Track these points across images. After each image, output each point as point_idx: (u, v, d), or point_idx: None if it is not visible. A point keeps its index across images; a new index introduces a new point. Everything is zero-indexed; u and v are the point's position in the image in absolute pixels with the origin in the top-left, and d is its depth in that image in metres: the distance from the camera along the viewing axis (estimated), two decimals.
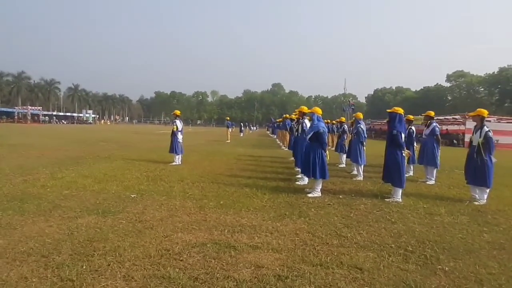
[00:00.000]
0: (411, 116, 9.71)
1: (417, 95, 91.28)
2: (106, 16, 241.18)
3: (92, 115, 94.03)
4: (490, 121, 32.48)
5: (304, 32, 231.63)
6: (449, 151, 18.83)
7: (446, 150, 18.97)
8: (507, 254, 3.73)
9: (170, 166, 9.62)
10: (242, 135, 37.88)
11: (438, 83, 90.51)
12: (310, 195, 6.33)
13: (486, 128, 6.31)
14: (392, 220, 4.91)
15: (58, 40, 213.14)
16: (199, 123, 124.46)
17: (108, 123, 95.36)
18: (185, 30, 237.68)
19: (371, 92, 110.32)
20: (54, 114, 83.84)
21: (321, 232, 4.26)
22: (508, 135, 29.23)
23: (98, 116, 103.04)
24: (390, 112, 6.44)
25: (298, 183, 7.63)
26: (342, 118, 13.06)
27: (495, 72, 75.76)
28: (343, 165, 11.24)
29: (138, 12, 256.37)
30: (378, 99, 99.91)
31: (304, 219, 4.81)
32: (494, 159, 6.38)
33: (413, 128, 9.36)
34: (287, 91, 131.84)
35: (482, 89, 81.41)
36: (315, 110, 6.76)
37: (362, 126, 9.23)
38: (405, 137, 6.43)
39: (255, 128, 79.29)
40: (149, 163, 10.13)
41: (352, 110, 51.93)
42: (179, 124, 10.35)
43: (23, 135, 24.61)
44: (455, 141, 30.65)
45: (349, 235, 4.17)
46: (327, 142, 6.99)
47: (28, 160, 10.11)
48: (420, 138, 9.46)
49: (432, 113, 9.07)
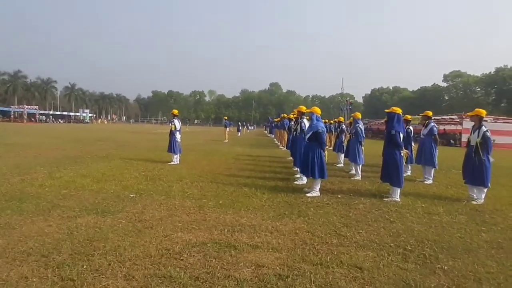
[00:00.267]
0: (409, 116, 9.74)
1: (414, 95, 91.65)
2: (103, 15, 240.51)
3: (89, 115, 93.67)
4: (487, 121, 32.68)
5: (302, 32, 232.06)
6: (446, 151, 18.94)
7: (443, 150, 19.05)
8: (505, 253, 3.76)
9: (169, 166, 9.61)
10: (240, 134, 37.89)
11: (435, 83, 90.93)
12: (309, 194, 6.34)
13: (484, 128, 6.35)
14: (390, 219, 4.94)
15: (55, 39, 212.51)
16: (196, 122, 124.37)
17: (105, 123, 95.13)
18: (183, 29, 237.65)
19: (369, 92, 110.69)
20: (51, 113, 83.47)
21: (320, 231, 4.28)
22: (505, 135, 29.42)
23: (95, 115, 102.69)
24: (388, 112, 6.47)
25: (297, 182, 7.65)
26: (341, 118, 13.10)
27: (492, 72, 76.20)
28: (341, 164, 11.27)
29: (135, 12, 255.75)
30: (375, 99, 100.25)
31: (304, 218, 4.83)
32: (492, 159, 6.42)
33: (411, 128, 9.41)
34: (284, 90, 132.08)
35: (479, 89, 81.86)
36: (314, 110, 6.77)
37: (360, 126, 9.26)
38: (403, 137, 6.45)
39: (252, 127, 79.31)
40: (147, 162, 10.11)
41: (350, 110, 52.03)
42: (177, 123, 10.33)
43: (20, 134, 24.49)
44: (452, 141, 30.80)
45: (348, 235, 4.18)
46: (325, 142, 6.99)
47: (25, 159, 10.06)
48: (418, 138, 9.50)
49: (430, 113, 9.12)
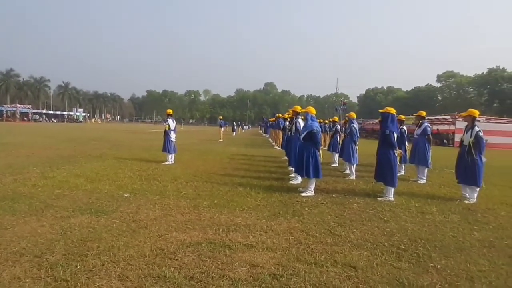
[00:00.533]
0: (403, 116, 9.81)
1: (408, 95, 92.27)
2: (98, 14, 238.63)
3: (83, 114, 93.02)
4: (480, 121, 33.01)
5: (297, 32, 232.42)
6: (439, 151, 19.10)
7: (436, 150, 19.20)
8: (497, 251, 3.81)
9: (163, 165, 9.57)
10: (234, 134, 37.85)
11: (428, 83, 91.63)
12: (303, 194, 6.36)
13: (477, 128, 6.42)
14: (384, 219, 4.97)
15: (48, 37, 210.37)
16: (191, 122, 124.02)
17: (99, 122, 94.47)
18: (178, 29, 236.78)
19: (363, 92, 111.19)
20: (44, 112, 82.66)
21: (315, 231, 4.29)
22: (497, 135, 29.73)
23: (89, 114, 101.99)
24: (382, 112, 6.51)
25: (292, 182, 7.66)
26: (335, 118, 13.14)
27: (484, 73, 76.97)
28: (335, 164, 11.31)
29: (130, 11, 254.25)
30: (370, 99, 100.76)
31: (298, 218, 4.84)
32: (484, 159, 6.48)
33: (404, 128, 9.47)
34: (279, 90, 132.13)
35: (472, 89, 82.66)
36: (309, 109, 6.79)
37: (355, 126, 9.31)
38: (397, 136, 6.50)
39: (247, 127, 79.28)
40: (141, 162, 10.06)
41: (344, 109, 52.22)
42: (171, 123, 10.29)
43: (12, 133, 24.22)
44: (445, 140, 31.07)
45: (342, 234, 4.20)
46: (320, 142, 7.02)
47: (18, 159, 9.96)
48: (412, 138, 9.57)
49: (423, 113, 9.19)
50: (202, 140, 24.28)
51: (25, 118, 70.28)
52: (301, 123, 7.77)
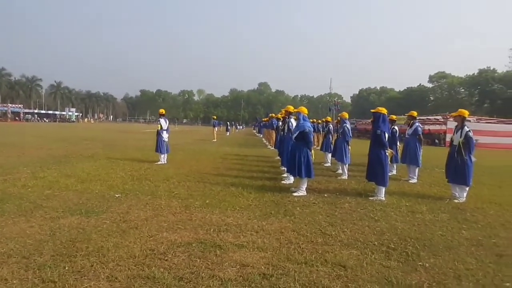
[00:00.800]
0: (394, 116, 9.89)
1: (400, 95, 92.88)
2: (91, 13, 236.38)
3: (75, 113, 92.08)
4: (470, 121, 33.44)
5: (292, 32, 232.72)
6: (430, 151, 19.28)
7: (428, 150, 19.40)
8: (485, 250, 3.86)
9: (156, 165, 9.53)
10: (228, 134, 37.82)
11: (421, 84, 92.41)
12: (295, 194, 6.38)
13: (466, 128, 6.50)
14: (375, 218, 5.01)
15: (41, 36, 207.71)
16: (185, 122, 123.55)
17: (92, 122, 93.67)
18: (172, 29, 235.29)
19: (356, 92, 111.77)
20: (36, 112, 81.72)
21: (306, 230, 4.31)
22: (488, 135, 30.10)
23: (81, 114, 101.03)
24: (374, 112, 6.56)
25: (284, 182, 7.68)
26: (328, 118, 13.20)
27: (475, 74, 77.84)
28: (328, 164, 11.36)
29: (124, 9, 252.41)
30: (363, 99, 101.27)
31: (289, 217, 4.85)
32: (474, 159, 6.57)
33: (396, 127, 9.53)
34: (273, 90, 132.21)
35: (463, 90, 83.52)
36: (301, 109, 6.82)
37: (348, 126, 9.36)
38: (388, 136, 6.55)
39: (241, 127, 79.20)
40: (134, 162, 10.00)
41: (338, 109, 52.49)
42: (163, 123, 10.25)
43: (3, 133, 23.91)
44: (436, 140, 31.38)
45: (333, 233, 4.23)
46: (313, 142, 7.05)
47: (8, 159, 9.84)
48: (404, 138, 9.65)
49: (415, 113, 9.28)
50: (195, 140, 24.22)
51: (16, 118, 69.41)
52: (293, 123, 7.79)
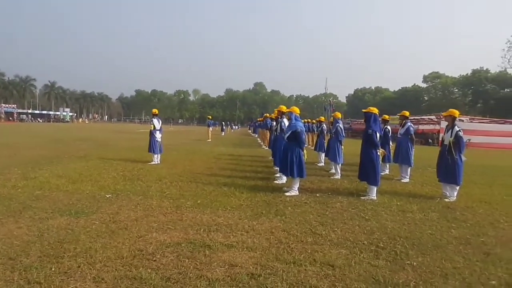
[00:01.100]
0: (387, 116, 9.96)
1: (395, 95, 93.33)
2: (85, 12, 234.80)
3: (70, 114, 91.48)
4: (463, 120, 33.70)
5: (288, 32, 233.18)
6: (424, 150, 19.36)
7: (422, 149, 19.54)
8: (473, 248, 3.89)
9: (149, 166, 9.49)
10: (223, 134, 37.76)
11: (415, 84, 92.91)
12: (287, 193, 6.39)
13: (457, 128, 6.54)
14: (366, 217, 5.03)
15: (34, 36, 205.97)
16: (180, 122, 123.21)
17: (86, 122, 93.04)
18: (168, 28, 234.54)
19: (352, 92, 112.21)
20: (30, 112, 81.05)
21: (296, 230, 4.32)
22: (480, 134, 30.35)
23: (76, 114, 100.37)
24: (365, 112, 6.59)
25: (277, 182, 7.69)
26: (321, 118, 13.23)
27: (469, 74, 78.46)
28: (322, 164, 11.39)
29: (118, 9, 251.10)
30: (358, 99, 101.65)
31: (280, 217, 4.86)
32: (464, 158, 6.62)
33: (388, 127, 9.59)
34: (269, 90, 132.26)
35: (456, 90, 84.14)
36: (293, 109, 6.83)
37: (340, 126, 9.39)
38: (380, 136, 6.58)
39: (237, 127, 79.13)
40: (126, 162, 9.95)
41: (333, 109, 52.65)
42: (156, 123, 10.22)
43: None
44: (430, 140, 31.58)
45: (323, 233, 4.23)
46: (307, 141, 7.06)
47: None
48: (396, 138, 9.70)
49: (407, 113, 9.33)
50: (190, 140, 24.15)
51: (10, 118, 68.76)
52: (286, 122, 7.80)
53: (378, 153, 6.44)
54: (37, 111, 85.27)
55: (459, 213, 5.51)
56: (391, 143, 9.60)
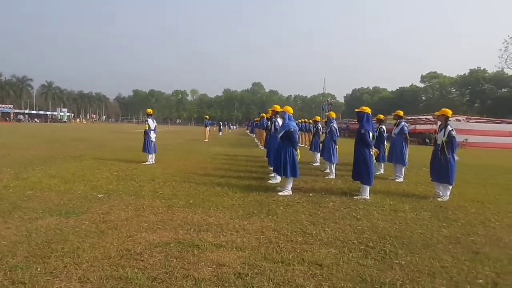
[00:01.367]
0: (382, 116, 9.96)
1: (393, 95, 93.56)
2: (82, 11, 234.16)
3: (67, 114, 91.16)
4: (460, 120, 33.80)
5: (286, 32, 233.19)
6: (420, 150, 19.37)
7: (418, 149, 19.58)
8: (462, 247, 3.90)
9: (143, 166, 9.46)
10: (221, 134, 37.76)
11: (413, 84, 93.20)
12: (280, 193, 6.38)
13: (449, 128, 6.55)
14: (357, 217, 5.03)
15: (31, 35, 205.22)
16: (178, 122, 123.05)
17: (84, 122, 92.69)
18: (166, 28, 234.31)
19: (350, 92, 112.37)
20: (27, 112, 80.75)
21: (286, 229, 4.31)
22: (477, 134, 30.45)
23: (73, 114, 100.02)
24: (358, 111, 6.59)
25: (271, 181, 7.68)
26: (317, 117, 13.22)
27: (466, 74, 78.69)
28: (317, 163, 11.39)
29: (116, 8, 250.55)
30: (356, 99, 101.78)
31: (272, 217, 4.85)
32: (457, 158, 6.63)
33: (383, 127, 9.59)
34: (267, 90, 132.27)
35: (454, 89, 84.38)
36: (287, 109, 6.82)
37: (334, 125, 9.39)
38: (373, 135, 6.58)
39: (235, 127, 79.12)
40: (121, 162, 9.92)
41: (330, 109, 52.68)
42: (151, 123, 10.19)
43: None
44: (427, 140, 31.62)
45: (314, 232, 4.23)
46: (304, 141, 7.05)
47: None
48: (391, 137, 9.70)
49: (401, 112, 9.34)
50: (187, 140, 24.11)
51: (7, 119, 68.45)
52: (279, 122, 7.79)
53: (371, 152, 6.44)
54: (34, 111, 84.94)
55: (451, 212, 5.51)
56: (386, 142, 9.61)
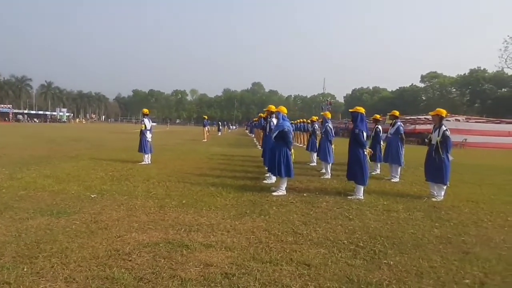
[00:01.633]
0: (378, 116, 9.97)
1: (393, 95, 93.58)
2: (80, 11, 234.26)
3: (67, 114, 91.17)
4: (460, 120, 33.79)
5: (285, 32, 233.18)
6: (419, 150, 19.34)
7: (418, 149, 19.50)
8: (452, 247, 3.89)
9: (139, 166, 9.46)
10: (220, 134, 37.76)
11: (413, 84, 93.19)
12: (274, 193, 6.38)
13: (444, 127, 6.55)
14: (350, 217, 5.02)
15: (31, 36, 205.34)
16: (178, 122, 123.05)
17: (84, 122, 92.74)
18: (164, 28, 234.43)
19: (349, 92, 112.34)
20: (26, 112, 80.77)
21: (278, 229, 4.30)
22: (476, 134, 30.43)
23: (73, 114, 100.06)
24: (352, 111, 6.59)
25: (266, 181, 7.67)
26: (313, 117, 13.22)
27: (466, 74, 78.68)
28: (314, 163, 11.39)
29: (115, 8, 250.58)
30: (356, 99, 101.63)
31: (264, 217, 4.84)
32: (451, 157, 6.62)
33: (379, 127, 9.59)
34: (267, 90, 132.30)
35: (454, 89, 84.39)
36: (281, 109, 6.82)
37: (330, 125, 9.39)
38: (367, 135, 6.58)
39: (234, 127, 79.13)
40: (116, 162, 9.92)
41: (329, 109, 52.69)
42: (147, 122, 10.19)
43: None
44: (426, 140, 31.60)
45: (305, 232, 4.22)
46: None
47: None
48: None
49: (396, 112, 9.34)
50: (185, 140, 24.11)
51: (6, 119, 68.43)
52: (274, 122, 7.79)
53: (365, 152, 6.44)
54: (33, 111, 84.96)
55: (444, 212, 5.51)
56: (382, 142, 9.60)
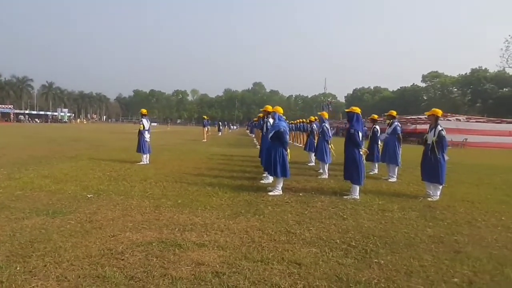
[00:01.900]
0: (376, 116, 9.97)
1: (394, 95, 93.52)
2: (82, 12, 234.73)
3: (68, 114, 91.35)
4: (460, 120, 33.73)
5: (286, 32, 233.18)
6: (418, 149, 19.37)
7: (417, 149, 19.47)
8: (444, 247, 3.91)
9: (137, 166, 9.50)
10: (220, 134, 37.80)
11: (414, 83, 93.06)
12: (271, 193, 6.40)
13: (439, 127, 6.57)
14: (344, 216, 5.04)
15: (32, 36, 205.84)
16: (179, 122, 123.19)
17: (85, 122, 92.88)
18: (165, 28, 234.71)
19: (351, 92, 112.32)
20: (27, 112, 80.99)
21: (271, 229, 4.33)
22: (477, 134, 30.38)
23: (74, 115, 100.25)
24: (348, 111, 6.61)
25: (263, 181, 7.70)
26: (312, 117, 13.24)
27: (467, 73, 78.54)
28: (312, 163, 11.41)
29: (115, 8, 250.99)
30: (357, 98, 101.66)
31: (258, 217, 4.87)
32: (447, 157, 6.64)
33: (377, 127, 9.60)
34: (268, 90, 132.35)
35: (455, 89, 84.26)
36: (277, 109, 6.84)
37: (327, 125, 9.41)
38: (363, 135, 6.59)
39: (235, 127, 79.17)
40: (115, 162, 9.96)
41: (329, 109, 52.68)
42: (145, 123, 10.23)
43: None
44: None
45: (298, 232, 4.25)
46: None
47: None
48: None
49: (394, 112, 9.35)
50: (185, 140, 24.15)
51: (6, 119, 68.63)
52: (271, 122, 7.81)
53: (361, 152, 6.46)
54: (34, 112, 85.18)
55: (439, 212, 5.52)
56: (380, 142, 9.61)
